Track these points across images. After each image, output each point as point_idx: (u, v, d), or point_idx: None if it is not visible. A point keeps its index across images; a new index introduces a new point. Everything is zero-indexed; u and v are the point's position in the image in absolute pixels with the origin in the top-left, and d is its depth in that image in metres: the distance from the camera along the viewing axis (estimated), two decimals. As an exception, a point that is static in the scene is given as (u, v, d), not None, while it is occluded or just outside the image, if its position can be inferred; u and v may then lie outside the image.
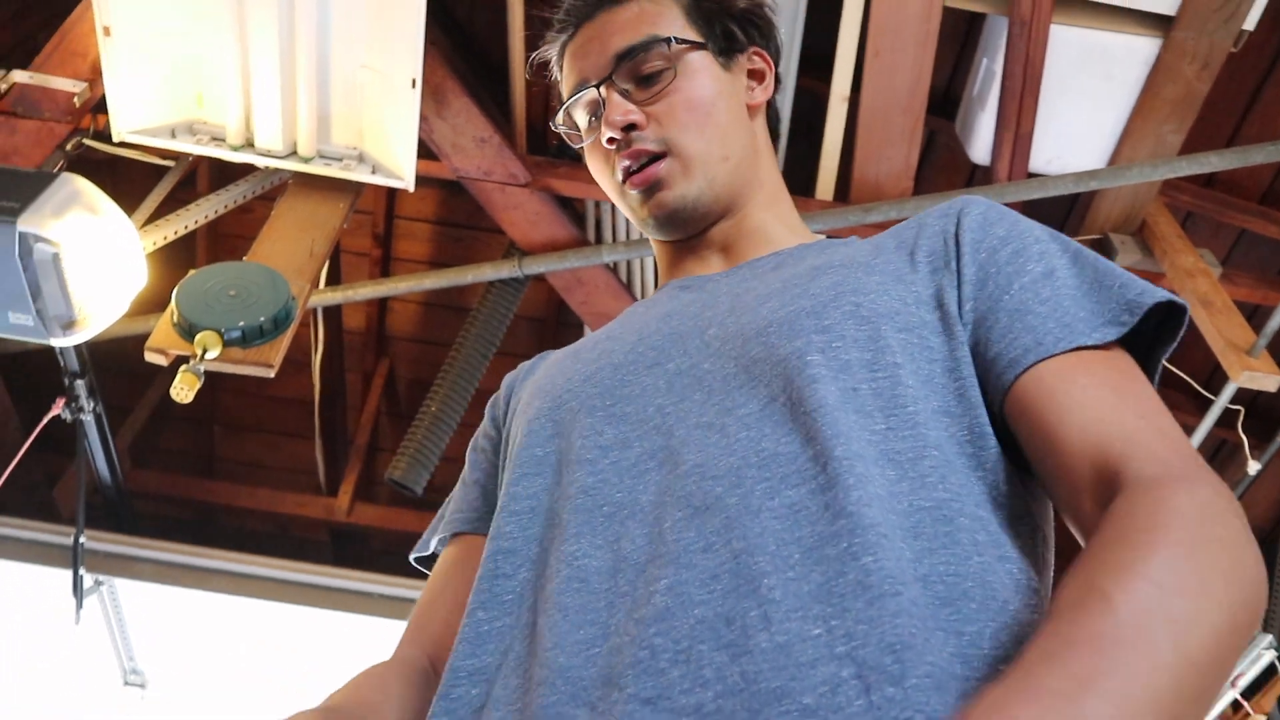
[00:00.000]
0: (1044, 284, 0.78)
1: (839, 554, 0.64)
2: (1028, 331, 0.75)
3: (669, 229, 0.99)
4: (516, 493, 0.83)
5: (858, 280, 0.81)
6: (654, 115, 0.96)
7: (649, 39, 0.97)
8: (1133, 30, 2.27)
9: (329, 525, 3.67)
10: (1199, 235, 3.06)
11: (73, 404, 2.47)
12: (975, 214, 0.84)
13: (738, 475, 0.71)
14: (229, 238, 3.54)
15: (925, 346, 0.78)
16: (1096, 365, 0.74)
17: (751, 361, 0.78)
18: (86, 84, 2.16)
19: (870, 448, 0.71)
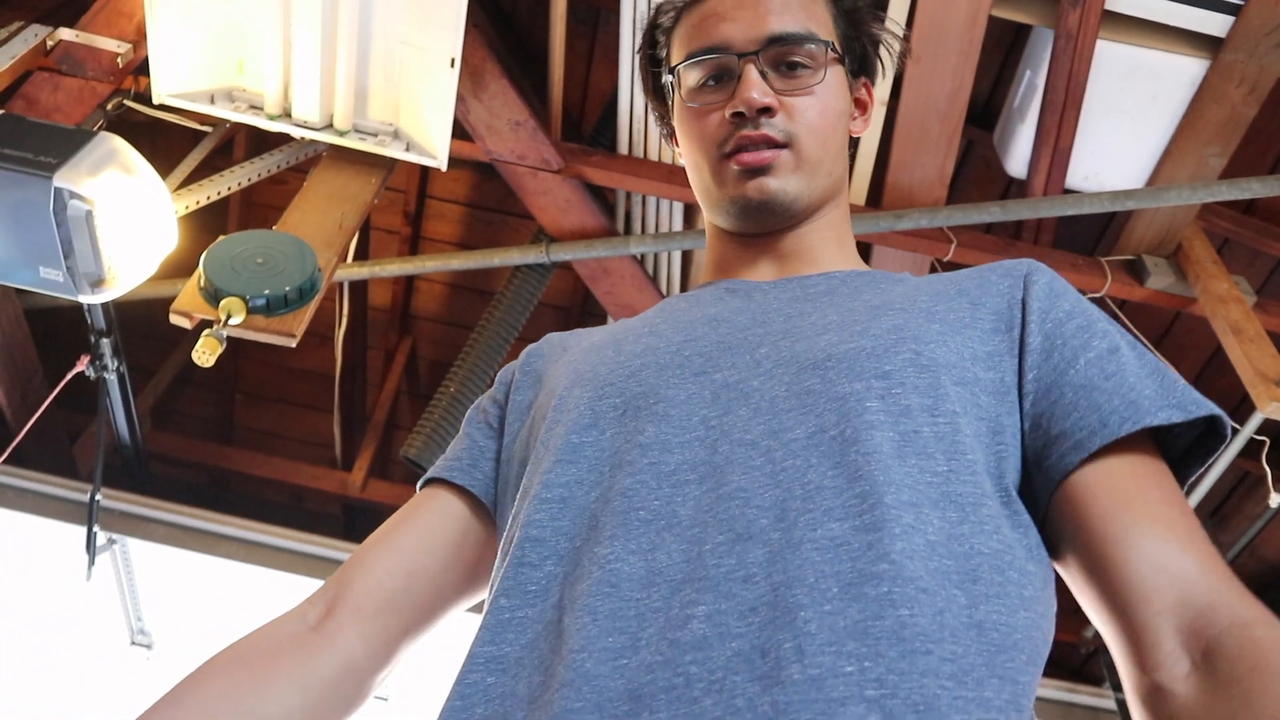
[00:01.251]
0: (1109, 360, 0.78)
1: (878, 596, 0.65)
2: (1093, 410, 0.75)
3: (751, 217, 0.96)
4: (550, 480, 0.80)
5: (919, 327, 0.81)
6: (787, 106, 0.94)
7: (810, 34, 0.95)
8: (1180, 50, 2.24)
9: (342, 500, 3.69)
10: (1235, 262, 3.03)
11: (97, 362, 2.49)
12: (1043, 282, 0.84)
13: (782, 508, 0.71)
14: (261, 207, 3.56)
15: (976, 404, 0.78)
16: (1162, 476, 0.75)
17: (805, 391, 0.78)
18: (131, 45, 2.18)
19: (931, 489, 0.71)
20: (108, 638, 3.00)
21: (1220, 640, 0.64)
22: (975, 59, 2.24)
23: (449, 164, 2.14)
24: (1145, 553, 0.70)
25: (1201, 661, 0.65)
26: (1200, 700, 0.63)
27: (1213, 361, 3.14)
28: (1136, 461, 0.74)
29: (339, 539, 2.86)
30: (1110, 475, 0.73)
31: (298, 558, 2.77)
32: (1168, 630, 0.67)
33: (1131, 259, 2.63)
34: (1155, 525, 0.71)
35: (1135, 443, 0.75)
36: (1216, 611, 0.66)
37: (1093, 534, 0.72)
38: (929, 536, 0.68)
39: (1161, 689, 0.66)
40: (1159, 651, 0.66)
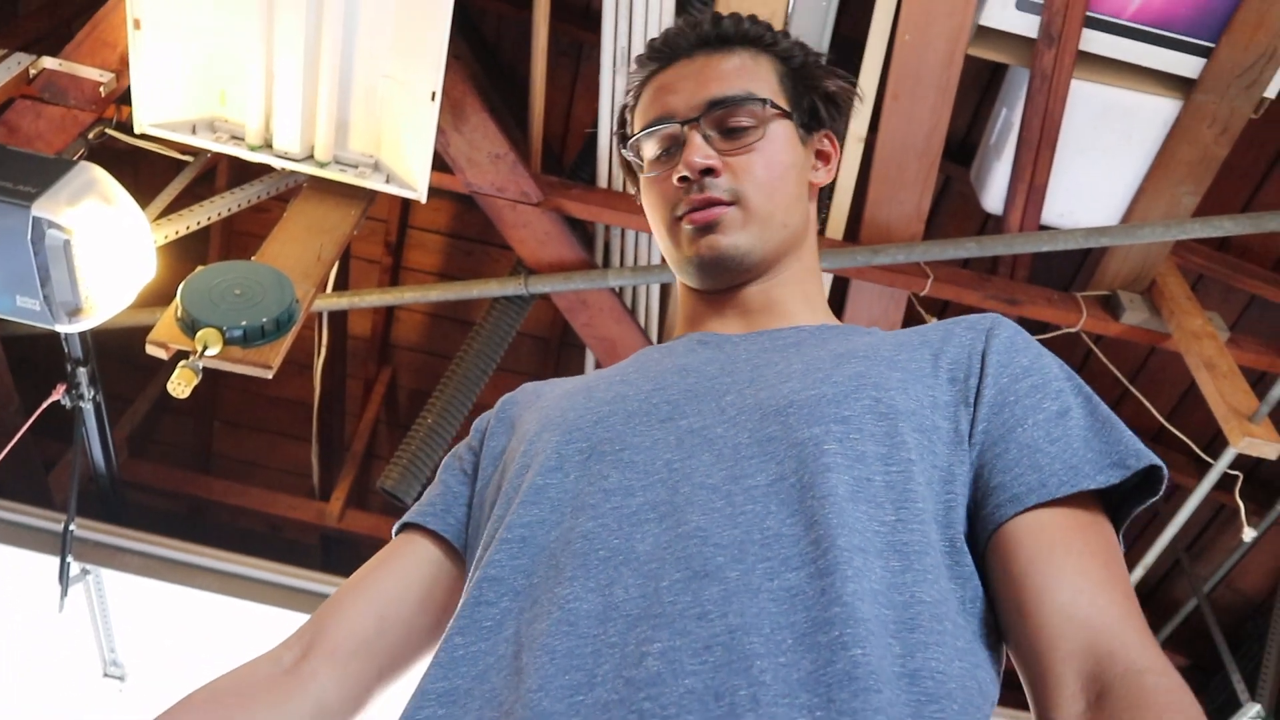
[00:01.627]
0: (1057, 424, 0.80)
1: (830, 642, 0.66)
2: (1034, 470, 0.77)
3: (708, 274, 0.99)
4: (511, 522, 0.82)
5: (880, 375, 0.83)
6: (732, 167, 0.97)
7: (747, 94, 0.98)
8: (1153, 90, 2.28)
9: (320, 530, 3.66)
10: (1209, 298, 3.06)
11: (73, 391, 2.47)
12: (1004, 336, 0.86)
13: (741, 549, 0.72)
14: (243, 235, 3.56)
15: (932, 452, 0.80)
16: (1091, 530, 0.77)
17: (767, 438, 0.79)
18: (114, 74, 2.18)
19: (878, 538, 0.73)
20: (80, 670, 2.97)
21: (1112, 685, 0.67)
22: (952, 97, 2.27)
23: (429, 195, 2.15)
24: (1059, 602, 0.72)
25: (1094, 703, 0.68)
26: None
27: (1187, 396, 3.16)
28: (1068, 515, 0.77)
29: (316, 570, 2.84)
30: (1039, 528, 0.76)
31: (274, 589, 2.75)
32: (1070, 675, 0.69)
33: (1107, 295, 2.66)
34: (1073, 576, 0.73)
35: (1070, 500, 0.77)
36: (1115, 658, 0.69)
37: (1014, 582, 0.75)
38: (872, 584, 0.70)
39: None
40: (1060, 694, 0.69)
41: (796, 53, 1.05)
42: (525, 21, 2.40)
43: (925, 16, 2.15)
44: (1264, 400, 2.25)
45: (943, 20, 2.15)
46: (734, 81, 0.99)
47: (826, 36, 2.29)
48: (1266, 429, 2.26)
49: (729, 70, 1.00)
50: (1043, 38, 2.19)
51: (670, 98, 1.01)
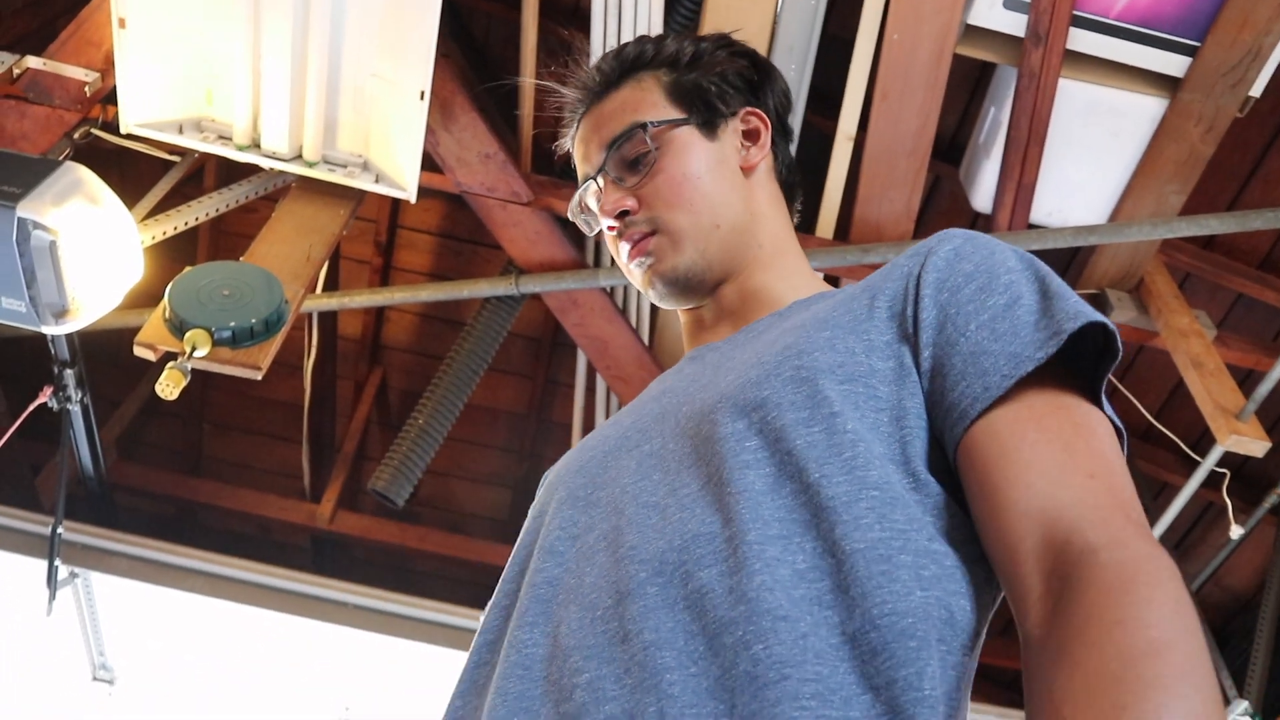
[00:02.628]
0: (1004, 318, 0.75)
1: (734, 643, 0.66)
2: (980, 376, 0.73)
3: (670, 298, 1.03)
4: (502, 585, 0.86)
5: (807, 339, 0.81)
6: (643, 198, 1.00)
7: (629, 127, 1.01)
8: (1140, 89, 2.29)
9: (311, 531, 3.65)
10: (1196, 296, 3.07)
11: (60, 393, 2.46)
12: (945, 250, 0.81)
13: (661, 561, 0.72)
14: (232, 235, 3.55)
15: (872, 395, 0.77)
16: (1048, 416, 0.72)
17: (702, 441, 0.79)
18: (99, 74, 2.17)
19: (805, 510, 0.71)
20: (69, 673, 2.95)
21: (1070, 574, 0.63)
22: (941, 96, 2.27)
23: (419, 195, 2.14)
24: (1013, 500, 0.68)
25: (1058, 602, 0.63)
26: (1044, 637, 0.63)
27: (1175, 394, 3.18)
28: (1021, 407, 0.72)
29: (307, 572, 2.83)
30: (991, 433, 0.72)
31: (265, 591, 2.74)
32: (1035, 576, 0.66)
33: (1095, 293, 2.66)
34: (1025, 471, 0.69)
35: (1021, 391, 0.72)
36: (1072, 544, 0.64)
37: (976, 497, 0.72)
38: (797, 565, 0.68)
39: (1028, 636, 0.65)
40: (1029, 600, 0.65)
41: (683, 51, 1.06)
42: (514, 21, 2.40)
43: (913, 15, 2.15)
44: (1251, 398, 2.26)
45: (931, 19, 2.15)
46: (617, 119, 1.02)
47: (815, 36, 2.29)
48: (1253, 427, 2.27)
49: (612, 111, 1.04)
50: (1030, 37, 2.19)
51: (582, 162, 1.07)
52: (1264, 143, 2.83)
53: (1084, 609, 0.60)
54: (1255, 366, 2.77)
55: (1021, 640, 0.66)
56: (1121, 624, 0.59)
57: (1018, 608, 0.67)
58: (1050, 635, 0.62)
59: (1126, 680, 0.57)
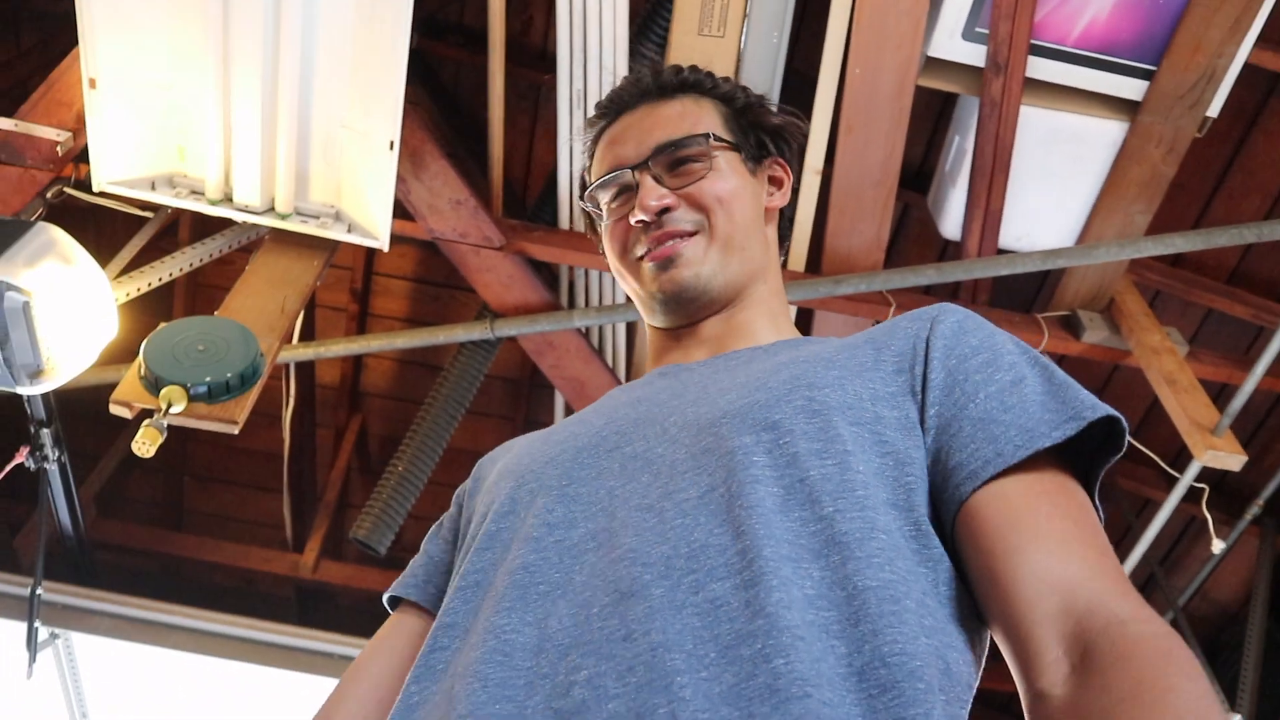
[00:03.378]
0: (1011, 392, 0.78)
1: (752, 655, 0.65)
2: (990, 442, 0.76)
3: (671, 308, 1.03)
4: (466, 569, 0.84)
5: (815, 374, 0.83)
6: (685, 197, 1.01)
7: (689, 135, 1.03)
8: (1100, 114, 2.33)
9: (295, 582, 3.62)
10: (1167, 314, 3.11)
11: (37, 453, 2.44)
12: (951, 321, 0.85)
13: (667, 565, 0.72)
14: (207, 288, 3.55)
15: (878, 440, 0.79)
16: (1057, 494, 0.75)
17: (701, 451, 0.79)
18: (70, 133, 2.18)
19: (814, 539, 0.72)
20: (51, 736, 2.91)
21: (1095, 640, 0.65)
22: (905, 127, 2.30)
23: (393, 242, 2.15)
24: (1030, 567, 0.70)
25: (1079, 664, 0.65)
26: (1072, 696, 0.64)
27: (1151, 412, 3.20)
28: (1030, 480, 0.75)
29: (292, 624, 2.81)
30: (1001, 498, 0.74)
31: (249, 645, 2.71)
32: (1050, 639, 0.67)
33: (1067, 314, 2.69)
34: (1042, 540, 0.71)
35: (1031, 465, 0.75)
36: (1094, 614, 0.66)
37: (983, 555, 0.73)
38: (806, 590, 0.69)
39: (1043, 694, 0.66)
40: (1043, 660, 0.67)
41: (738, 95, 1.10)
42: (482, 67, 2.42)
43: (874, 50, 2.18)
44: (1225, 413, 2.29)
45: (891, 53, 2.19)
46: (677, 125, 1.05)
47: (779, 72, 2.33)
48: (1229, 441, 2.30)
49: (672, 115, 1.06)
50: (990, 66, 2.23)
51: (620, 148, 1.06)
52: (1224, 161, 2.88)
53: (1130, 677, 0.62)
54: (1228, 380, 2.80)
55: (1033, 697, 0.67)
56: (1174, 690, 0.61)
57: (1027, 665, 0.68)
58: (1084, 698, 0.63)
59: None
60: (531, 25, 2.97)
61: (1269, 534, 3.30)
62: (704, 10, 2.21)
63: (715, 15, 2.23)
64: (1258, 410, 3.30)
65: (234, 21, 1.89)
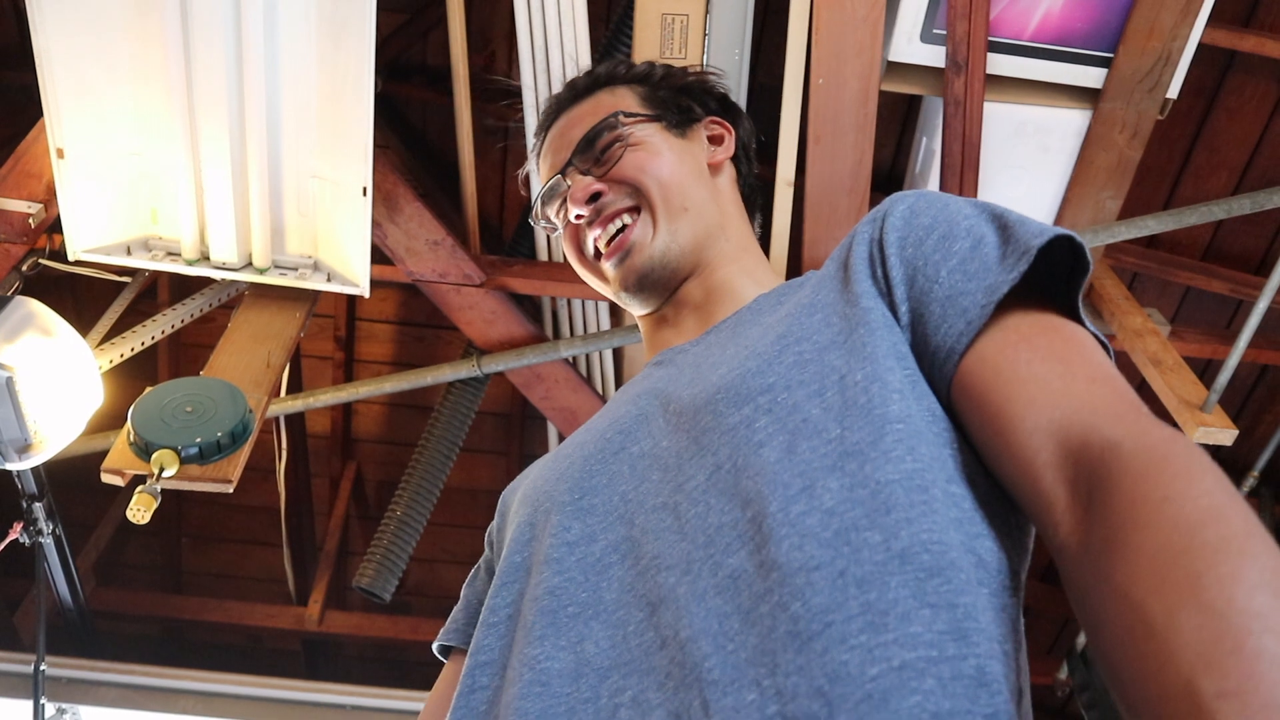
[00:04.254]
0: (972, 259, 0.75)
1: (770, 609, 0.63)
2: (960, 315, 0.73)
3: (643, 294, 1.03)
4: (495, 604, 0.83)
5: (800, 326, 0.81)
6: (613, 176, 1.02)
7: (600, 122, 1.05)
8: (1063, 104, 2.35)
9: (301, 635, 3.60)
10: (1146, 295, 3.14)
11: (31, 528, 2.43)
12: (900, 210, 0.82)
13: (688, 561, 0.70)
14: (191, 347, 3.54)
15: (872, 333, 0.76)
16: (1036, 336, 0.71)
17: (702, 432, 0.78)
18: (42, 205, 2.18)
19: (827, 459, 0.69)
20: (66, 813, 2.87)
21: (1096, 471, 0.61)
22: (872, 133, 2.32)
23: (373, 286, 2.16)
24: (1020, 421, 0.67)
25: (1088, 506, 0.61)
26: (1084, 540, 0.60)
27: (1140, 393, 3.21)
28: (1004, 334, 0.72)
29: (301, 678, 2.79)
30: (980, 362, 0.72)
31: (259, 704, 2.70)
32: (1057, 487, 0.64)
33: (1048, 304, 2.70)
34: (1025, 389, 0.68)
35: (1001, 318, 0.73)
36: (1090, 446, 0.63)
37: (978, 426, 0.71)
38: (825, 505, 0.66)
39: (1063, 547, 0.62)
40: (1055, 512, 0.64)
41: (654, 70, 1.12)
42: (449, 106, 2.43)
43: (835, 59, 2.20)
44: (1212, 389, 2.30)
45: (852, 60, 2.21)
46: (590, 119, 1.07)
47: (743, 87, 2.35)
48: (1219, 416, 2.30)
49: (584, 113, 1.08)
50: (950, 66, 2.25)
51: (548, 161, 1.10)
52: (1188, 140, 2.91)
53: (1124, 497, 0.58)
54: (1213, 356, 2.82)
55: (1057, 554, 0.63)
56: (1169, 499, 0.56)
57: (1045, 524, 0.65)
58: (1091, 534, 0.59)
59: (1193, 549, 0.54)
60: (494, 59, 2.99)
61: (1267, 504, 3.31)
62: (664, 33, 2.23)
63: (675, 37, 2.25)
64: (1244, 383, 3.32)
65: (198, 84, 1.89)
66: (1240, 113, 2.84)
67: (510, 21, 2.30)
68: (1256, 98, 2.81)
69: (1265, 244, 3.03)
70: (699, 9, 2.22)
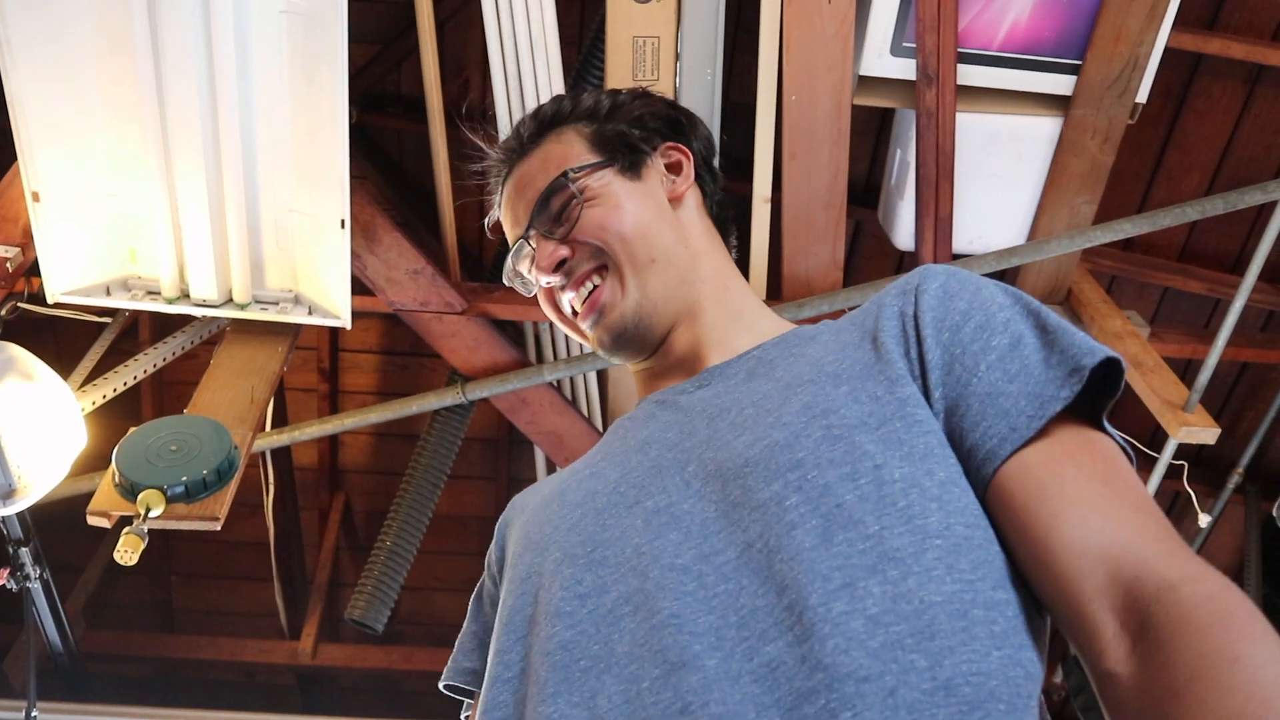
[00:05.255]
0: (1011, 358, 0.75)
1: (817, 711, 0.63)
2: (1002, 417, 0.73)
3: (625, 351, 1.02)
4: (507, 660, 0.81)
5: (827, 397, 0.80)
6: (575, 239, 1.00)
7: (552, 182, 1.02)
8: (1034, 112, 2.37)
9: (295, 669, 3.57)
10: (1124, 297, 3.16)
11: (18, 573, 2.41)
12: (933, 288, 0.82)
13: (718, 635, 0.69)
14: (174, 384, 3.52)
15: (913, 422, 0.76)
16: (1080, 452, 0.72)
17: (731, 506, 0.76)
18: (18, 248, 2.17)
19: (865, 558, 0.69)
20: None
21: (1151, 609, 0.63)
22: (846, 147, 2.34)
23: (355, 318, 2.15)
24: (1066, 540, 0.68)
25: (1139, 637, 0.63)
26: (1137, 674, 0.62)
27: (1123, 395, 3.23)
28: (1050, 446, 0.72)
29: (296, 713, 2.77)
30: (1025, 471, 0.72)
31: (254, 740, 2.67)
32: (1104, 614, 0.65)
33: (1028, 310, 2.72)
34: (1072, 508, 0.69)
35: (1047, 429, 0.73)
36: (1144, 581, 0.64)
37: (1019, 535, 0.71)
38: (869, 611, 0.66)
39: (1109, 674, 0.64)
40: (1102, 638, 0.65)
41: (601, 104, 1.09)
42: (424, 133, 2.44)
43: (807, 75, 2.22)
44: (1193, 388, 2.32)
45: (824, 76, 2.22)
46: (539, 177, 1.05)
47: (717, 107, 2.36)
48: (1201, 415, 2.32)
49: (533, 170, 1.06)
50: (921, 78, 2.27)
51: (510, 218, 1.09)
52: (1159, 143, 2.94)
53: (1190, 650, 0.59)
54: (1193, 356, 2.84)
55: (1101, 678, 0.65)
56: (1239, 660, 0.58)
57: (1086, 645, 0.66)
58: (1151, 676, 0.61)
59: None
60: (469, 87, 3.00)
61: (1253, 500, 3.34)
62: (635, 56, 2.25)
63: (647, 60, 2.26)
64: (1224, 381, 3.35)
65: (172, 122, 1.90)
66: (1209, 114, 2.87)
67: (483, 49, 2.31)
68: (1225, 99, 2.85)
69: (1239, 243, 3.06)
70: (669, 31, 2.24)
